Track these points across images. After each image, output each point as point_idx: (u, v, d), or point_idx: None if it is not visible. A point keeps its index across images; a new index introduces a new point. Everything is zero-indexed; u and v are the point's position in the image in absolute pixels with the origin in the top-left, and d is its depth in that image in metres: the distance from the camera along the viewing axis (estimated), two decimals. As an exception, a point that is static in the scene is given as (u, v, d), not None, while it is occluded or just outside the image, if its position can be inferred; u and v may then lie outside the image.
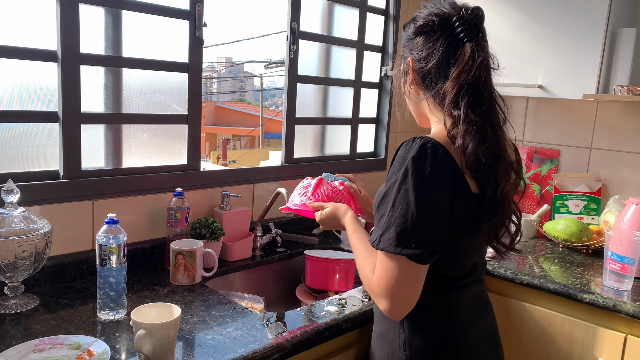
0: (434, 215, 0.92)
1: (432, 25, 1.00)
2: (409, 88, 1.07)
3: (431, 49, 1.00)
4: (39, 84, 1.34)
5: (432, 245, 0.91)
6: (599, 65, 1.81)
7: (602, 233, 1.81)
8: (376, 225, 0.96)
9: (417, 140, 0.94)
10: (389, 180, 0.95)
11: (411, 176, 0.90)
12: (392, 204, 0.92)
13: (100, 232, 1.16)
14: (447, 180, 0.92)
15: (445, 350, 1.01)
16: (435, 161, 0.91)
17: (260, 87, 15.35)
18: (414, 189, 0.90)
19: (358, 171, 2.23)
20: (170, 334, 0.97)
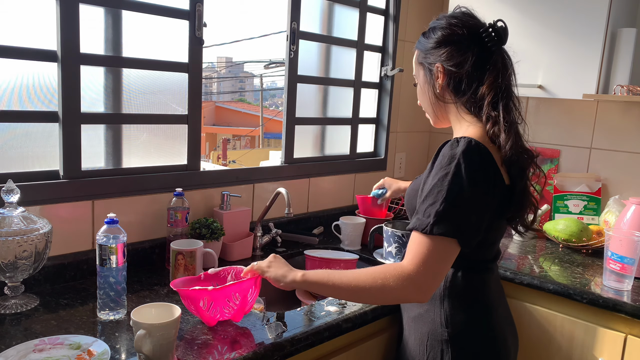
0: (484, 204, 1.03)
1: (461, 34, 1.11)
2: (435, 93, 1.16)
3: (463, 57, 1.10)
4: (39, 84, 1.34)
5: (479, 231, 1.03)
6: (599, 65, 1.81)
7: (602, 233, 1.81)
8: (420, 214, 1.02)
9: (462, 140, 1.04)
10: (436, 173, 1.02)
11: (464, 169, 1.00)
12: (446, 194, 0.99)
13: (100, 232, 1.16)
14: (492, 172, 1.04)
15: (481, 327, 1.14)
16: (482, 155, 1.03)
17: (260, 87, 15.35)
18: (468, 180, 0.99)
19: (358, 171, 2.23)
20: (170, 334, 0.97)
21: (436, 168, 1.03)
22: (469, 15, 1.15)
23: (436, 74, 1.14)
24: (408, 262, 1.00)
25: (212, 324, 1.13)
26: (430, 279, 0.99)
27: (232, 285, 1.11)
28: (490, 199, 1.04)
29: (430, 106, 1.19)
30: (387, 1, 2.26)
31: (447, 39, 1.12)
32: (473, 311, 1.14)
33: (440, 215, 0.99)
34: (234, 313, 1.14)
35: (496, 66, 1.09)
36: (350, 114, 2.21)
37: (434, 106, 1.19)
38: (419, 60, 1.19)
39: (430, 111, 1.21)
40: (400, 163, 2.45)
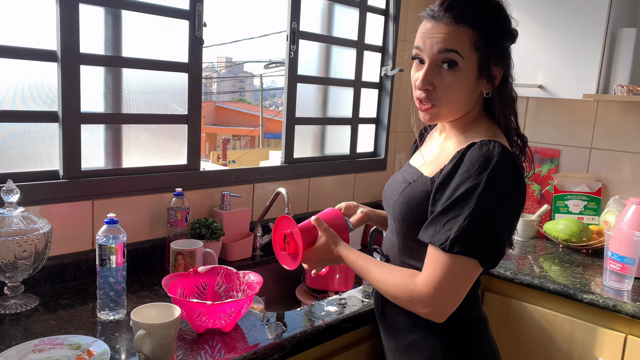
0: (514, 221, 0.96)
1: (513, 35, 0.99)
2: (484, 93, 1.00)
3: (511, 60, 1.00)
4: (39, 84, 1.34)
5: (503, 254, 0.94)
6: (599, 65, 1.81)
7: (602, 233, 1.81)
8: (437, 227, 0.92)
9: (494, 144, 0.91)
10: (462, 182, 0.90)
11: (499, 181, 0.89)
12: (474, 209, 0.88)
13: (100, 232, 1.16)
14: (524, 186, 0.95)
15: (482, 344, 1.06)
16: (517, 170, 0.93)
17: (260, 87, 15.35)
18: (501, 195, 0.89)
19: (358, 171, 2.23)
20: (170, 334, 0.97)
21: (462, 175, 0.90)
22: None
23: (495, 73, 0.98)
24: (421, 280, 0.93)
25: (200, 331, 1.12)
26: (444, 301, 0.91)
27: (230, 302, 1.09)
28: (519, 215, 0.96)
29: (459, 102, 0.98)
30: (387, 1, 2.26)
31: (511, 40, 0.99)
32: (471, 328, 1.05)
33: (463, 232, 0.88)
34: (225, 325, 1.13)
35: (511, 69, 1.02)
36: (350, 114, 2.21)
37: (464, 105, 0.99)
38: (478, 48, 0.94)
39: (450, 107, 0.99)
40: (400, 163, 2.45)
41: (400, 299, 0.96)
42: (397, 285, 0.96)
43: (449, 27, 0.94)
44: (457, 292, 0.92)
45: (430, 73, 0.97)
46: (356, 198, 2.23)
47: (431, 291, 0.91)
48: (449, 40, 0.94)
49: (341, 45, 2.12)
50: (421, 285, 0.92)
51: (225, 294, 1.26)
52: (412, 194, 1.02)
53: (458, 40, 0.93)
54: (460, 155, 0.93)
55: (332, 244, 1.10)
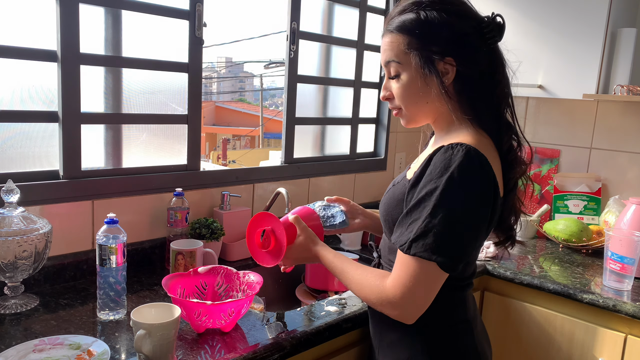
0: (477, 229, 0.93)
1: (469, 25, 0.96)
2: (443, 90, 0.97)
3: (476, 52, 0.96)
4: (39, 84, 1.34)
5: (466, 256, 0.95)
6: (599, 65, 1.81)
7: (602, 233, 1.81)
8: (402, 229, 0.93)
9: (459, 147, 0.91)
10: (424, 185, 0.91)
11: (458, 184, 0.88)
12: (431, 211, 0.88)
13: (100, 232, 1.16)
14: (492, 188, 0.93)
15: (465, 347, 1.05)
16: (482, 172, 0.91)
17: (260, 87, 15.35)
18: (461, 200, 0.89)
19: (358, 171, 2.23)
20: (170, 334, 0.97)
21: (426, 179, 0.92)
22: (464, 3, 0.99)
23: (443, 68, 0.96)
24: (389, 281, 0.94)
25: (200, 331, 1.12)
26: (412, 303, 0.91)
27: (230, 302, 1.09)
28: (485, 219, 0.94)
29: (418, 104, 1.00)
30: (387, 1, 2.26)
31: (456, 28, 0.95)
32: (455, 332, 1.04)
33: (420, 234, 0.89)
34: (225, 325, 1.13)
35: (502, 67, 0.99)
36: (350, 114, 2.21)
37: (426, 104, 1.00)
38: (412, 48, 0.96)
39: (413, 110, 1.01)
40: (400, 163, 2.45)
41: (371, 300, 0.97)
42: (368, 287, 0.97)
43: (387, 38, 1.01)
44: (423, 294, 0.91)
45: (387, 84, 1.04)
46: (356, 198, 2.23)
47: (398, 293, 0.91)
48: (387, 52, 1.01)
49: (341, 45, 2.12)
50: (389, 287, 0.93)
51: (225, 294, 1.26)
52: (393, 196, 1.03)
53: (392, 48, 0.99)
54: (428, 159, 0.94)
55: (310, 242, 1.11)
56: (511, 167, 1.00)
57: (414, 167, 1.04)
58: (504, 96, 1.00)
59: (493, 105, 0.99)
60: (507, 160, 0.99)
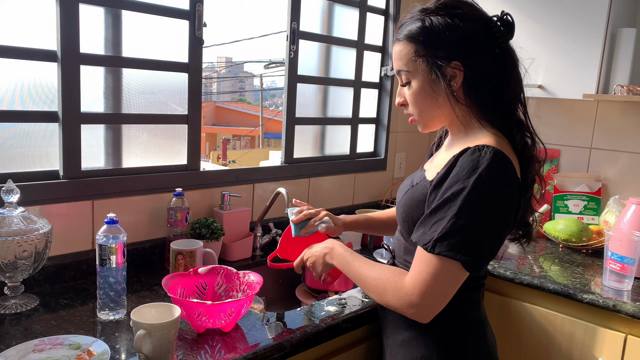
0: (502, 230, 0.95)
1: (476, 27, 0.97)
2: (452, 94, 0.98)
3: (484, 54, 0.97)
4: (39, 84, 1.34)
5: (490, 257, 0.96)
6: (599, 65, 1.81)
7: (602, 233, 1.81)
8: (425, 228, 0.94)
9: (486, 149, 0.92)
10: (451, 186, 0.92)
11: (486, 186, 0.90)
12: (458, 211, 0.89)
13: (100, 232, 1.16)
14: (516, 192, 0.95)
15: (478, 346, 1.06)
16: (508, 174, 0.92)
17: (260, 87, 15.35)
18: (488, 201, 0.90)
19: (358, 171, 2.23)
20: (170, 334, 0.97)
21: (451, 180, 0.92)
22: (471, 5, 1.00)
23: (451, 73, 0.97)
24: (408, 279, 0.94)
25: (200, 331, 1.13)
26: (430, 302, 0.92)
27: (230, 302, 1.09)
28: (509, 220, 0.95)
29: (431, 109, 1.02)
30: (387, 1, 2.26)
31: (461, 31, 0.96)
32: (469, 331, 1.05)
33: (445, 234, 0.90)
34: (225, 325, 1.13)
35: (514, 65, 1.00)
36: (350, 114, 2.21)
37: (438, 109, 1.01)
38: (419, 55, 0.98)
39: (427, 115, 1.04)
40: (400, 163, 2.45)
41: (387, 298, 0.97)
42: (386, 283, 0.97)
43: (396, 47, 1.03)
44: (442, 293, 0.93)
45: (401, 90, 1.07)
46: (356, 198, 2.24)
47: (417, 291, 0.92)
48: (397, 61, 1.03)
49: (341, 45, 2.12)
50: (408, 285, 0.93)
51: (225, 294, 1.26)
52: (413, 197, 1.04)
53: (401, 56, 1.02)
54: (454, 160, 0.95)
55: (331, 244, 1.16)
56: (527, 166, 1.01)
57: (434, 168, 1.04)
58: (515, 95, 1.01)
59: (505, 104, 1.00)
60: (523, 158, 1.00)
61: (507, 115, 1.01)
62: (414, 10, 1.01)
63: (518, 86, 1.02)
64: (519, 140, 1.00)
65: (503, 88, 0.99)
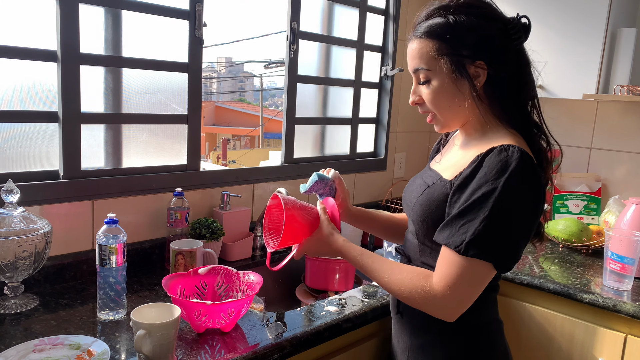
0: (530, 230, 0.95)
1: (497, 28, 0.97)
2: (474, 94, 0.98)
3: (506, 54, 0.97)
4: (39, 84, 1.34)
5: (519, 257, 0.95)
6: (599, 65, 1.81)
7: (602, 233, 1.81)
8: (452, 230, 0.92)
9: (513, 149, 0.91)
10: (479, 187, 0.90)
11: (516, 186, 0.89)
12: (489, 212, 0.88)
13: (100, 232, 1.16)
14: (543, 192, 0.94)
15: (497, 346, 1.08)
16: (535, 174, 0.92)
17: (260, 87, 15.35)
18: (519, 202, 0.90)
19: (358, 171, 2.23)
20: (170, 334, 0.97)
21: (480, 180, 0.91)
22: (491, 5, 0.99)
23: (474, 72, 0.96)
24: (436, 281, 0.93)
25: (200, 331, 1.12)
26: (458, 303, 0.93)
27: (230, 302, 1.09)
28: (537, 220, 0.97)
29: (452, 108, 1.00)
30: (387, 1, 2.26)
31: (484, 31, 0.95)
32: (490, 331, 1.07)
33: (478, 235, 0.89)
34: (225, 325, 1.13)
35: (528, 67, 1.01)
36: (350, 114, 2.21)
37: (459, 108, 1.00)
38: (442, 53, 0.96)
39: (447, 114, 1.02)
40: (400, 163, 2.45)
41: (414, 300, 0.96)
42: (411, 286, 0.96)
43: (414, 44, 1.00)
44: (470, 294, 0.93)
45: (416, 88, 1.04)
46: (356, 198, 2.24)
47: (447, 293, 0.91)
48: (416, 59, 1.00)
49: (341, 45, 2.12)
50: (437, 287, 0.93)
51: (225, 294, 1.26)
52: (432, 197, 1.02)
53: (421, 54, 0.98)
54: (479, 160, 0.94)
55: (331, 237, 1.09)
56: (542, 167, 1.01)
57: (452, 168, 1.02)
58: (531, 97, 1.01)
59: (522, 106, 1.01)
60: (539, 159, 1.00)
61: (525, 117, 1.01)
62: (432, 7, 0.99)
63: (532, 88, 1.02)
64: (535, 143, 1.01)
65: (520, 89, 1.00)
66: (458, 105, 0.99)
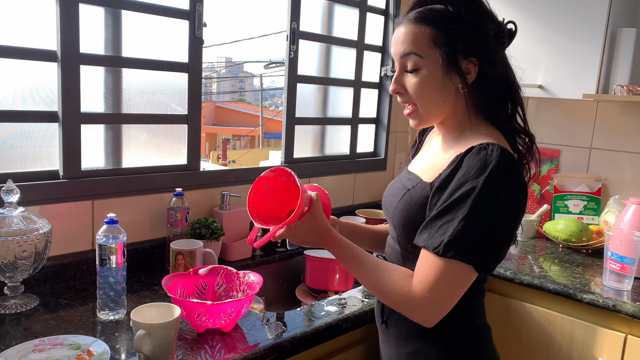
0: (512, 230, 0.92)
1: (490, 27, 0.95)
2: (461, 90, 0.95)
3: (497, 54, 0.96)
4: (39, 84, 1.34)
5: (501, 258, 0.92)
6: (599, 65, 1.81)
7: (602, 233, 1.81)
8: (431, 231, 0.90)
9: (492, 147, 0.89)
10: (459, 186, 0.88)
11: (496, 184, 0.86)
12: (468, 212, 0.86)
13: (100, 232, 1.16)
14: (525, 192, 0.92)
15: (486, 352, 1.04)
16: (517, 172, 0.90)
17: (260, 87, 15.35)
18: (499, 201, 0.87)
19: (358, 171, 2.23)
20: (170, 334, 0.97)
21: (459, 180, 0.89)
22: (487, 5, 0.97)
23: (466, 68, 0.94)
24: (415, 283, 0.90)
25: (200, 331, 1.12)
26: (438, 306, 0.89)
27: (230, 302, 1.09)
28: (519, 220, 0.93)
29: (436, 102, 0.97)
30: (387, 1, 2.26)
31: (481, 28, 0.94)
32: (478, 337, 1.03)
33: (456, 236, 0.86)
34: (225, 325, 1.13)
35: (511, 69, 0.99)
36: (350, 114, 2.21)
37: (443, 103, 0.97)
38: (437, 43, 0.93)
39: (429, 108, 0.98)
40: (400, 163, 2.45)
41: (392, 299, 0.94)
42: (391, 284, 0.93)
43: (407, 28, 0.95)
44: (450, 297, 0.90)
45: (400, 76, 0.98)
46: (356, 198, 2.24)
47: (426, 295, 0.88)
48: (407, 43, 0.95)
49: (341, 45, 2.12)
50: (416, 288, 0.90)
51: (225, 294, 1.26)
52: (412, 200, 0.99)
53: (415, 39, 0.94)
54: (458, 160, 0.91)
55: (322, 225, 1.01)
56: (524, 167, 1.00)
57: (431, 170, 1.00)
58: (516, 99, 1.00)
59: (507, 106, 0.99)
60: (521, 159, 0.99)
61: (508, 117, 1.00)
62: None
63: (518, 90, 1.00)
64: (517, 143, 0.99)
65: (506, 89, 0.98)
66: (443, 100, 0.97)
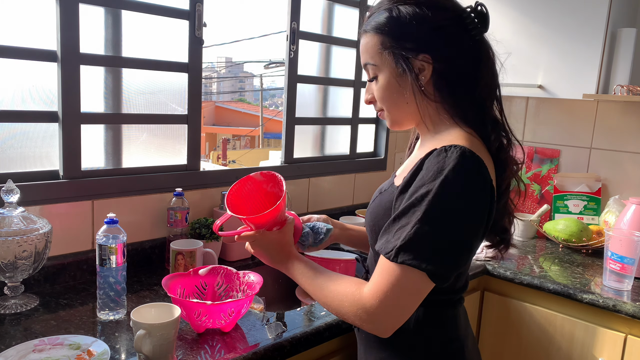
0: (472, 235, 0.86)
1: (446, 18, 0.90)
2: (420, 89, 0.92)
3: (455, 46, 0.90)
4: (39, 84, 1.34)
5: (459, 266, 0.87)
6: (599, 65, 1.81)
7: (602, 233, 1.81)
8: (388, 235, 0.86)
9: (453, 149, 0.84)
10: (416, 190, 0.84)
11: (452, 190, 0.82)
12: (422, 216, 0.81)
13: (100, 232, 1.16)
14: (488, 194, 0.86)
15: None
16: (478, 174, 0.85)
17: (260, 87, 15.35)
18: (455, 205, 0.82)
19: (358, 171, 2.23)
20: (170, 334, 0.97)
21: (417, 183, 0.85)
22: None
23: (419, 66, 0.90)
24: (367, 289, 0.85)
25: (200, 331, 1.12)
26: (389, 314, 0.84)
27: (230, 302, 1.09)
28: (481, 225, 0.87)
29: (398, 105, 0.95)
30: (387, 1, 2.26)
31: (430, 21, 0.89)
32: (446, 352, 0.97)
33: (408, 240, 0.81)
34: (225, 325, 1.13)
35: (489, 60, 0.93)
36: (350, 114, 2.21)
37: (406, 105, 0.94)
38: (385, 47, 0.92)
39: (395, 111, 0.97)
40: (400, 163, 2.45)
41: (342, 308, 0.89)
42: (342, 292, 0.89)
43: (363, 40, 0.97)
44: (403, 305, 0.84)
45: (369, 86, 1.01)
46: (356, 198, 2.24)
47: (375, 302, 0.83)
48: (363, 54, 0.97)
49: (341, 45, 2.12)
50: (367, 295, 0.85)
51: (225, 294, 1.26)
52: (380, 204, 0.97)
53: (367, 49, 0.95)
54: (420, 163, 0.88)
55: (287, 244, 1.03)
56: (503, 168, 0.94)
57: (402, 173, 0.99)
58: (490, 91, 0.94)
59: (477, 101, 0.93)
60: (499, 160, 0.93)
61: (482, 113, 0.93)
62: (382, 0, 0.95)
63: (493, 82, 0.94)
64: (493, 140, 0.92)
65: (477, 84, 0.92)
66: (405, 102, 0.94)
